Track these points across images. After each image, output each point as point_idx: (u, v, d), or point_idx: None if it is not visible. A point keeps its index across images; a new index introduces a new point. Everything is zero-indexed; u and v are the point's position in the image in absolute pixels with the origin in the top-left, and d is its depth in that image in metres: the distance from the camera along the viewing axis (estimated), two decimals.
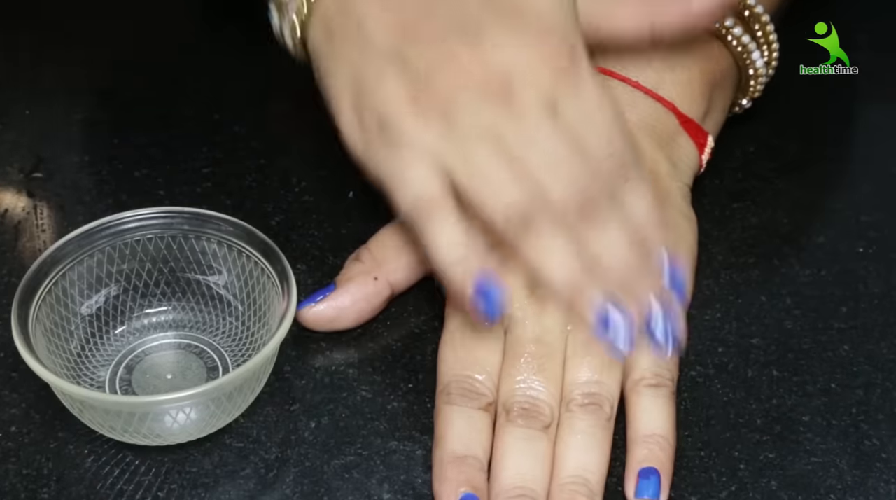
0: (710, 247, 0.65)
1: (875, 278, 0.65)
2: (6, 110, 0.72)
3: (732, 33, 0.64)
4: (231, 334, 0.61)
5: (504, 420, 0.56)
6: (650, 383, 0.57)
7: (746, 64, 0.65)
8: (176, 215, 0.61)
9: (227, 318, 0.61)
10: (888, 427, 0.59)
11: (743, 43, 0.65)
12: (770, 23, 0.65)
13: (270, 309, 0.59)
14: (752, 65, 0.65)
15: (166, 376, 0.59)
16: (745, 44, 0.65)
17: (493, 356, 0.58)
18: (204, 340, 0.61)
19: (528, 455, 0.55)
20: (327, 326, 0.61)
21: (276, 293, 0.58)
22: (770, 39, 0.65)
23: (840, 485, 0.57)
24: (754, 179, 0.69)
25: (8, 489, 0.56)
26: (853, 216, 0.68)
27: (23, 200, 0.68)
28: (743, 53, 0.65)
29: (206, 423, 0.57)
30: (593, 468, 0.55)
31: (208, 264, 0.61)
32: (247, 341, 0.60)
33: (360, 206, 0.67)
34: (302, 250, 0.65)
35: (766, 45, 0.66)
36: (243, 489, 0.56)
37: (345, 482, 0.56)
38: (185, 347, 0.61)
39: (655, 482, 0.55)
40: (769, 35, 0.65)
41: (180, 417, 0.56)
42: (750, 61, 0.65)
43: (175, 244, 0.61)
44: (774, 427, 0.59)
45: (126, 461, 0.57)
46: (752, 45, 0.65)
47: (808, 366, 0.61)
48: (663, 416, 0.57)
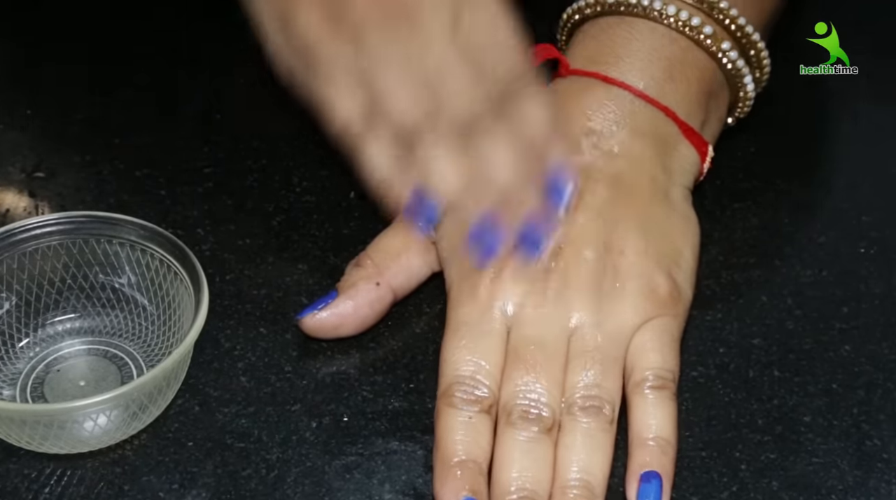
0: (711, 247, 0.65)
1: (876, 279, 0.65)
2: (7, 110, 0.72)
3: (728, 56, 0.64)
4: (143, 336, 0.61)
5: (505, 423, 0.56)
6: (652, 385, 0.57)
7: (738, 87, 0.66)
8: (74, 221, 0.60)
9: (137, 319, 0.61)
10: (889, 428, 0.59)
11: (737, 67, 0.65)
12: (764, 48, 0.65)
13: (181, 308, 0.59)
14: (743, 88, 0.66)
15: (79, 383, 0.59)
16: (739, 68, 0.65)
17: (495, 358, 0.58)
18: (115, 343, 0.61)
19: (529, 457, 0.55)
20: (331, 333, 0.61)
21: (188, 292, 0.58)
22: (763, 63, 0.66)
23: (841, 486, 0.57)
24: (755, 180, 0.69)
25: (10, 490, 0.55)
26: (854, 216, 0.68)
27: (24, 200, 0.68)
28: (736, 77, 0.65)
29: (127, 426, 0.57)
30: (595, 470, 0.55)
31: (112, 266, 0.61)
32: (161, 342, 0.60)
33: (361, 206, 0.67)
34: (303, 250, 0.65)
35: (759, 69, 0.66)
36: (245, 489, 0.56)
37: (346, 483, 0.56)
38: (97, 352, 0.60)
39: (657, 486, 0.55)
40: (763, 60, 0.66)
41: (99, 421, 0.56)
42: (741, 84, 0.65)
43: (76, 249, 0.60)
44: (776, 428, 0.59)
45: (126, 460, 0.57)
46: (745, 69, 0.65)
47: (809, 366, 0.61)
48: (665, 418, 0.57)
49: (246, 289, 0.63)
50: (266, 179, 0.69)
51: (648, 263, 0.59)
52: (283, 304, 0.63)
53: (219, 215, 0.67)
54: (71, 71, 0.75)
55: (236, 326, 0.62)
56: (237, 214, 0.67)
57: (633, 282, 0.58)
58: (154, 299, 0.60)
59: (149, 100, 0.73)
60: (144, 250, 0.60)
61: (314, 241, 0.66)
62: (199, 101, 0.73)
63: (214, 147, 0.70)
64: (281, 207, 0.67)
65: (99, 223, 0.60)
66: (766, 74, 0.66)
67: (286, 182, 0.68)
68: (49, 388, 0.59)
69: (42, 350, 0.60)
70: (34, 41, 0.77)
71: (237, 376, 0.60)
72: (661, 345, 0.58)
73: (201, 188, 0.68)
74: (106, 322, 0.61)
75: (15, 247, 0.60)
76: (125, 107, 0.73)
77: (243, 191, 0.68)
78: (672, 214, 0.61)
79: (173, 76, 0.75)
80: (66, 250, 0.60)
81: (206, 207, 0.67)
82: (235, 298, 0.63)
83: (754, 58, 0.65)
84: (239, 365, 0.60)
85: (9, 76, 0.75)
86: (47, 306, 0.61)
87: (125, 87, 0.74)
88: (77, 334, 0.61)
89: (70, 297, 0.61)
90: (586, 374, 0.57)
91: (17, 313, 0.60)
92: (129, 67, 0.75)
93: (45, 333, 0.61)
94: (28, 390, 0.59)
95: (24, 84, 0.75)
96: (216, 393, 0.59)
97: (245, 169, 0.69)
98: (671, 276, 0.59)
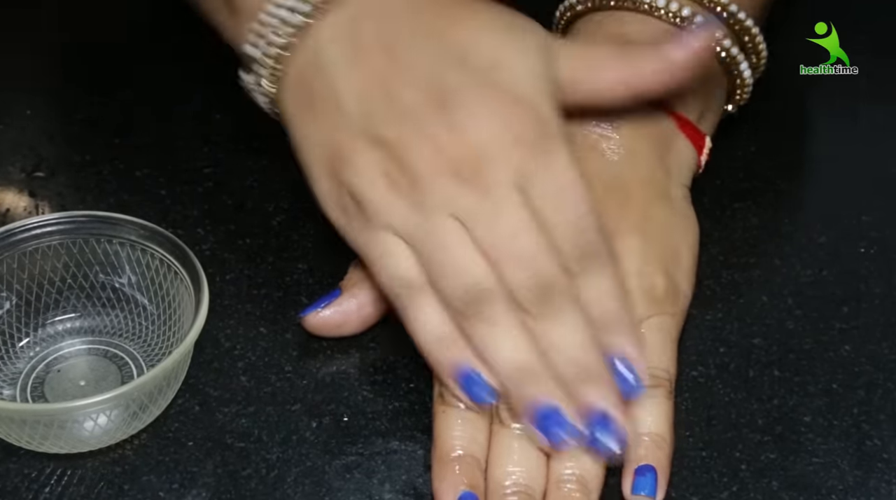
0: (711, 247, 0.65)
1: (876, 278, 0.65)
2: (7, 110, 0.72)
3: (722, 45, 0.64)
4: (143, 336, 0.61)
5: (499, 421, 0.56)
6: (647, 383, 0.57)
7: (734, 74, 0.65)
8: (75, 220, 0.60)
9: (138, 319, 0.61)
10: (889, 428, 0.59)
11: (732, 55, 0.65)
12: (759, 34, 0.65)
13: (181, 308, 0.59)
14: (740, 75, 0.66)
15: (79, 383, 0.59)
16: (733, 55, 0.65)
17: None
18: (115, 343, 0.61)
19: (524, 454, 0.55)
20: (334, 331, 0.61)
21: (188, 292, 0.58)
22: (759, 49, 0.66)
23: (841, 485, 0.57)
24: (755, 180, 0.69)
25: (10, 489, 0.55)
26: (854, 216, 0.68)
27: (24, 200, 0.68)
28: (731, 65, 0.65)
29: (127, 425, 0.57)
30: (590, 465, 0.55)
31: (112, 266, 0.61)
32: (161, 342, 0.60)
33: None
34: (303, 249, 0.65)
35: (755, 55, 0.66)
36: (245, 488, 0.56)
37: (346, 482, 0.56)
38: (97, 352, 0.60)
39: (652, 480, 0.55)
40: (758, 45, 0.66)
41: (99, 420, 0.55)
42: (738, 71, 0.65)
43: (76, 248, 0.60)
44: (776, 428, 0.59)
45: (126, 460, 0.57)
46: (740, 57, 0.65)
47: (809, 366, 0.61)
48: (660, 415, 0.57)
49: (246, 289, 0.63)
50: (266, 179, 0.69)
51: (647, 262, 0.59)
52: (283, 303, 0.63)
53: (219, 215, 0.67)
54: (71, 71, 0.75)
55: (236, 325, 0.62)
56: (237, 213, 0.67)
57: (632, 281, 0.58)
58: (154, 299, 0.60)
59: (149, 100, 0.73)
60: (144, 250, 0.60)
61: (314, 240, 0.66)
62: (198, 101, 0.73)
63: (214, 147, 0.70)
64: (281, 207, 0.67)
65: (99, 223, 0.60)
66: (763, 59, 0.66)
67: (286, 182, 0.68)
68: (49, 387, 0.59)
69: (42, 350, 0.60)
70: (34, 41, 0.77)
71: (237, 376, 0.60)
72: (658, 344, 0.58)
73: (201, 188, 0.68)
74: (106, 322, 0.61)
75: (15, 246, 0.60)
76: (125, 107, 0.73)
77: (243, 191, 0.68)
78: (671, 213, 0.61)
79: (173, 76, 0.75)
80: (67, 250, 0.60)
81: (206, 207, 0.67)
82: (235, 297, 0.63)
83: (749, 44, 0.65)
84: (239, 365, 0.60)
85: (9, 76, 0.75)
86: (47, 306, 0.61)
87: (125, 87, 0.74)
88: (77, 334, 0.61)
89: (70, 296, 0.61)
90: None
91: (17, 312, 0.60)
92: (129, 67, 0.75)
93: (45, 332, 0.61)
94: (28, 390, 0.59)
95: (24, 84, 0.75)
96: (216, 393, 0.59)
97: (245, 169, 0.69)
98: (669, 275, 0.59)
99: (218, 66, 0.75)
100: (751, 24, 0.65)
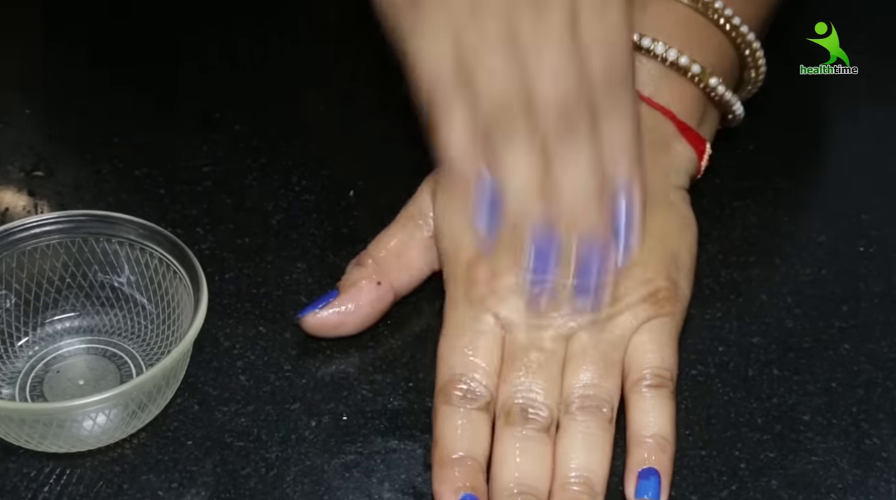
0: (710, 246, 0.65)
1: (876, 277, 0.65)
2: (6, 109, 0.72)
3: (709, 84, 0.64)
4: (142, 335, 0.61)
5: (504, 422, 0.56)
6: (650, 384, 0.57)
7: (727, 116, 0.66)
8: (74, 219, 0.60)
9: (137, 318, 0.61)
10: (889, 426, 0.59)
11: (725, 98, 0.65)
12: (759, 48, 0.65)
13: (180, 307, 0.59)
14: (733, 114, 0.66)
15: (78, 382, 0.59)
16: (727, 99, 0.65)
17: (492, 356, 0.57)
18: (114, 342, 0.61)
19: (528, 455, 0.55)
20: (331, 332, 0.61)
21: (187, 291, 0.58)
22: (759, 64, 0.66)
23: (841, 484, 0.57)
24: (755, 178, 0.69)
25: (9, 488, 0.55)
26: (854, 215, 0.68)
27: (23, 199, 0.68)
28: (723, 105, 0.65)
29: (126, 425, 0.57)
30: (595, 467, 0.55)
31: (111, 265, 0.61)
32: (160, 341, 0.60)
33: (360, 205, 0.67)
34: (302, 248, 0.65)
35: (754, 69, 0.66)
36: (244, 487, 0.56)
37: (345, 481, 0.56)
38: (96, 351, 0.60)
39: (655, 483, 0.55)
40: (758, 60, 0.66)
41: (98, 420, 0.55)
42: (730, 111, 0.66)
43: (75, 248, 0.60)
44: (775, 426, 0.59)
45: (125, 459, 0.57)
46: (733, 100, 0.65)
47: (808, 365, 0.61)
48: (663, 416, 0.57)
49: (245, 288, 0.63)
50: (265, 178, 0.69)
51: (648, 265, 0.59)
52: (282, 303, 0.63)
53: (218, 214, 0.67)
54: (71, 71, 0.75)
55: (235, 325, 0.62)
56: (236, 212, 0.67)
57: (633, 284, 0.58)
58: (153, 298, 0.60)
59: (148, 99, 0.73)
60: (144, 249, 0.60)
61: (313, 240, 0.66)
62: (198, 100, 0.73)
63: (213, 146, 0.70)
64: (280, 206, 0.67)
65: (98, 222, 0.60)
66: (762, 75, 0.66)
67: (285, 181, 0.68)
68: (48, 387, 0.59)
69: (41, 349, 0.60)
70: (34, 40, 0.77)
71: (236, 375, 0.60)
72: (660, 345, 0.58)
73: (200, 187, 0.68)
74: (105, 321, 0.61)
75: (14, 246, 0.60)
76: (125, 106, 0.73)
77: (242, 190, 0.68)
78: (670, 216, 0.61)
79: (173, 76, 0.75)
80: (66, 249, 0.60)
81: (206, 206, 0.67)
82: (235, 297, 0.63)
83: (749, 57, 0.65)
84: (238, 364, 0.60)
85: (9, 76, 0.75)
86: (46, 305, 0.61)
87: (125, 86, 0.74)
88: (76, 333, 0.61)
89: (69, 296, 0.61)
90: (584, 375, 0.57)
91: (16, 311, 0.60)
92: (129, 67, 0.75)
93: (44, 332, 0.61)
94: (27, 389, 0.59)
95: (24, 84, 0.75)
96: (215, 392, 0.59)
97: (244, 168, 0.69)
98: (670, 277, 0.59)
99: (218, 65, 0.76)
100: (752, 38, 0.65)
